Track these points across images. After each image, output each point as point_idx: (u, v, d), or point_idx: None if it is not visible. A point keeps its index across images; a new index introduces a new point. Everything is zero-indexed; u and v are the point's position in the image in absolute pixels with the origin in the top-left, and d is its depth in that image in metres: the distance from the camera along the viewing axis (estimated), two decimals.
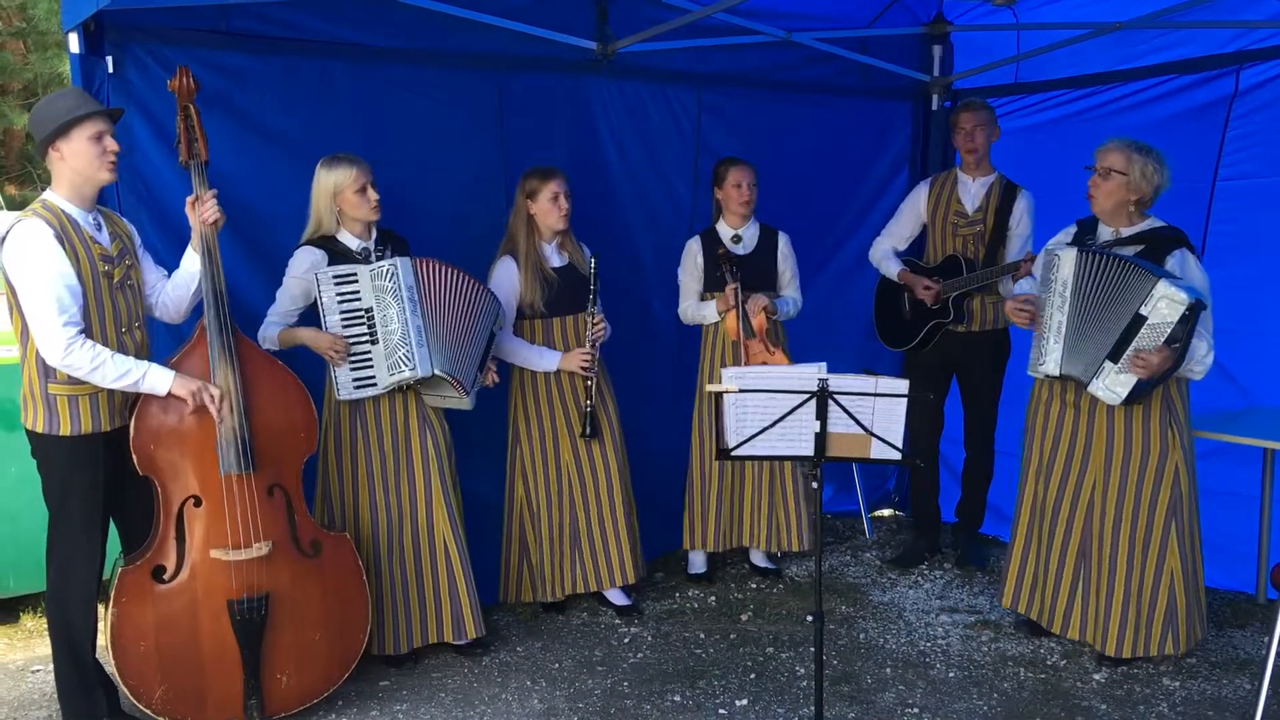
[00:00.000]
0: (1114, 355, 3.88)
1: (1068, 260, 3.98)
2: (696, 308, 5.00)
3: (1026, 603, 4.30)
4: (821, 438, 3.11)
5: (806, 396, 3.07)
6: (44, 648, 4.54)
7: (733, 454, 3.16)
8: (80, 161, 3.45)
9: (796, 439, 3.13)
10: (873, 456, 3.15)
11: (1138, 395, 3.89)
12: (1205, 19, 4.92)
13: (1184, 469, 4.05)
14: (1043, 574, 4.23)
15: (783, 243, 5.10)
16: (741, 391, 3.04)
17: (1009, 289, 4.85)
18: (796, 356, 5.00)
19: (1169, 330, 3.79)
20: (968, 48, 6.03)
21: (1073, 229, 4.29)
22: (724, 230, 5.00)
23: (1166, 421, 4.04)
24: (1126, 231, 4.13)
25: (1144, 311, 3.81)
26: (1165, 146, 5.04)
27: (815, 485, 3.20)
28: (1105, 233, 4.16)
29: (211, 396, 3.59)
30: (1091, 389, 3.92)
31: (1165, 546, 4.03)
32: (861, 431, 3.10)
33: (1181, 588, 4.03)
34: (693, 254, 5.00)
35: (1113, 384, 3.89)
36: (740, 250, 4.96)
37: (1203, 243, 4.93)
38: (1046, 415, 4.22)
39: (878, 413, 3.08)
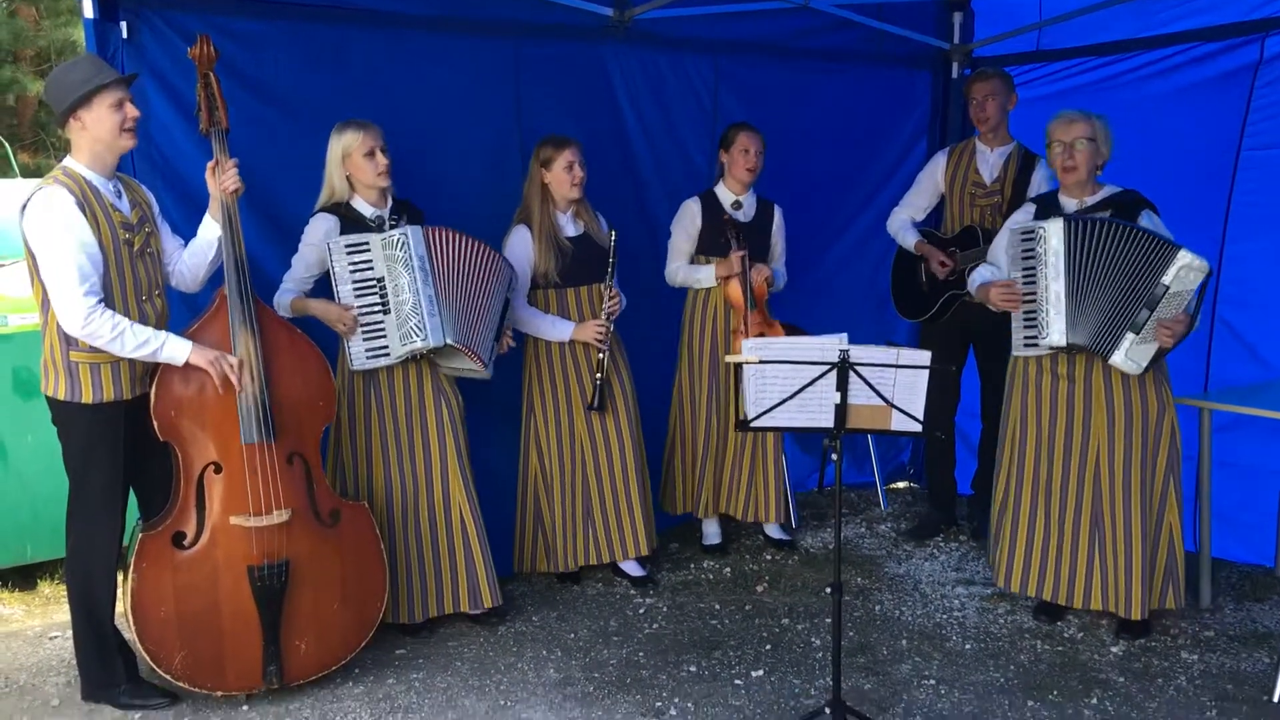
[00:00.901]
0: (1136, 327, 3.86)
1: (1055, 231, 3.95)
2: (689, 270, 4.93)
3: (1037, 584, 4.24)
4: (842, 409, 3.09)
5: (827, 367, 3.05)
6: (62, 614, 4.57)
7: (752, 425, 3.14)
8: (102, 129, 3.44)
9: (817, 410, 3.11)
10: (893, 428, 3.13)
11: (1153, 363, 3.91)
12: None
13: (1178, 427, 4.10)
14: (1055, 552, 4.19)
15: (778, 215, 5.07)
16: (762, 363, 3.02)
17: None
18: (809, 326, 4.96)
19: (1190, 298, 3.83)
20: (989, 14, 5.94)
21: (1032, 207, 4.25)
22: (724, 195, 4.95)
23: (1159, 380, 4.08)
24: (1090, 200, 4.14)
25: (1167, 280, 3.82)
26: (1189, 115, 5.06)
27: (835, 457, 3.19)
28: (1070, 205, 4.16)
29: (231, 365, 3.58)
30: (1113, 361, 3.90)
31: (1165, 502, 4.09)
32: (882, 403, 3.08)
33: (1180, 543, 4.10)
34: (691, 214, 4.92)
35: (1136, 355, 3.87)
36: (741, 217, 4.91)
37: (1226, 214, 4.90)
38: (1039, 392, 4.19)
39: (899, 384, 3.06)
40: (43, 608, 4.73)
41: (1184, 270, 3.79)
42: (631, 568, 4.81)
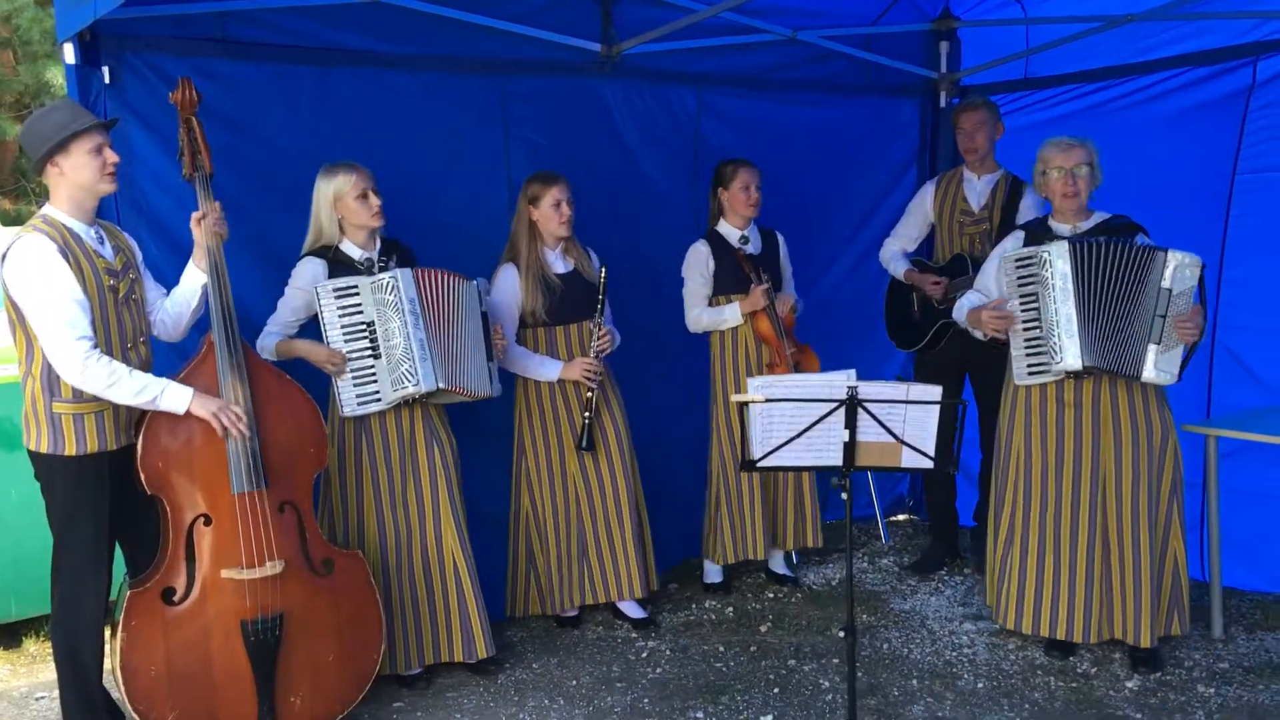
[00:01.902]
0: (1155, 337, 3.83)
1: (1060, 254, 3.91)
2: (712, 313, 4.86)
3: (1046, 622, 4.14)
4: (850, 447, 3.02)
5: (835, 405, 2.98)
6: (47, 673, 4.43)
7: (758, 465, 3.06)
8: (82, 175, 3.36)
9: (824, 448, 3.03)
10: (904, 465, 3.06)
11: (1183, 367, 3.89)
12: (1220, 9, 4.83)
13: (1180, 451, 4.06)
14: (1067, 588, 4.09)
15: (782, 243, 5.04)
16: (769, 401, 2.94)
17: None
18: None
19: (1193, 296, 3.84)
20: (976, 43, 5.93)
21: (1021, 235, 4.21)
22: (729, 232, 4.89)
23: (1161, 403, 4.04)
24: (1084, 225, 4.11)
25: (1165, 284, 3.82)
26: (1183, 140, 5.03)
27: (845, 496, 3.11)
28: (1063, 230, 4.11)
29: (236, 416, 3.49)
30: (1146, 377, 3.85)
31: (1170, 527, 4.03)
32: (892, 440, 3.01)
33: (1184, 569, 4.04)
34: (703, 257, 4.86)
35: (1165, 364, 3.84)
36: (751, 250, 4.87)
37: (1223, 237, 4.85)
38: (1044, 421, 4.11)
39: (909, 420, 2.99)
40: (28, 666, 4.59)
41: (1179, 269, 3.81)
42: (632, 609, 4.71)
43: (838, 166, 5.80)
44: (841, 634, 3.26)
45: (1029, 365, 4.08)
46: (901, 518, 6.17)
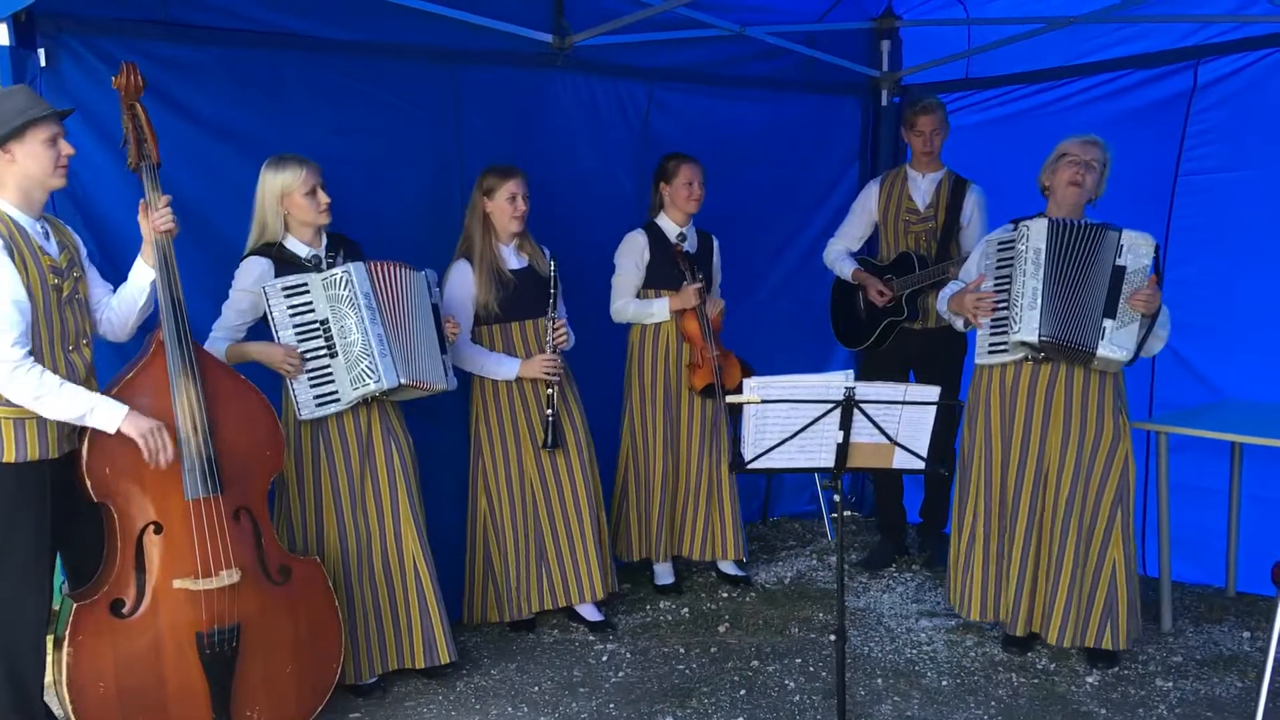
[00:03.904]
0: (1109, 311, 3.87)
1: (1038, 231, 3.95)
2: (640, 305, 4.79)
3: (988, 607, 4.22)
4: (844, 448, 2.98)
5: (832, 406, 2.93)
6: None
7: (749, 466, 3.01)
8: (34, 165, 3.16)
9: (816, 450, 2.99)
10: (895, 466, 3.04)
11: (1139, 350, 3.91)
12: (1161, 13, 4.92)
13: (1132, 459, 4.07)
14: (1004, 573, 4.17)
15: (717, 247, 5.02)
16: (764, 402, 2.89)
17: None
18: (746, 354, 4.89)
19: (1148, 272, 3.89)
20: (917, 43, 5.97)
21: (1010, 227, 4.24)
22: (668, 226, 4.83)
23: (1117, 409, 4.06)
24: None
25: (1120, 262, 3.88)
26: (1124, 142, 5.05)
27: (836, 498, 3.07)
28: None
29: (164, 443, 3.29)
30: (1101, 352, 3.88)
31: (1109, 535, 4.02)
32: (885, 441, 2.98)
33: (1124, 578, 4.01)
34: (639, 247, 4.79)
35: (1119, 340, 3.87)
36: (688, 248, 4.82)
37: (1165, 239, 4.94)
38: (1001, 405, 4.14)
39: (904, 421, 2.97)
40: None
41: (1133, 245, 3.89)
42: (588, 612, 4.62)
43: (781, 163, 5.80)
44: (832, 637, 3.22)
45: (990, 344, 4.11)
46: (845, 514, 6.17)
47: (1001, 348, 4.07)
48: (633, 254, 4.79)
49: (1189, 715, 3.77)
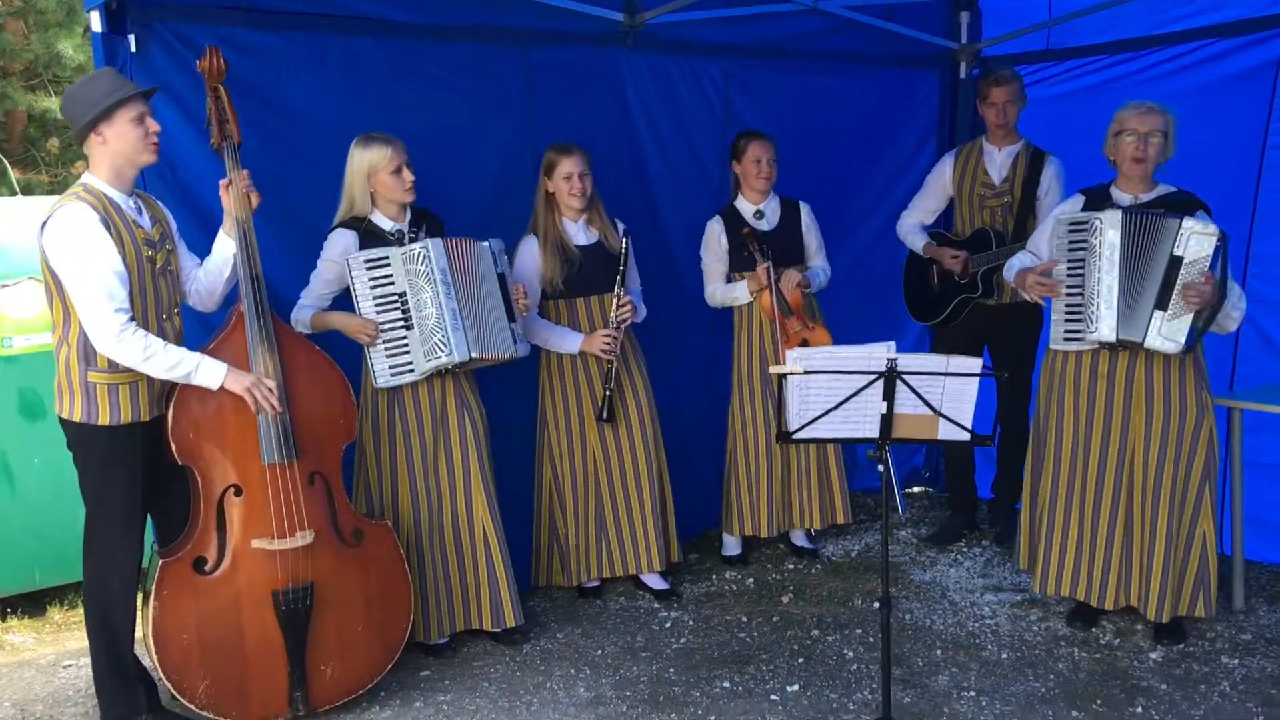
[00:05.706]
0: (1161, 304, 3.81)
1: (1112, 223, 3.90)
2: (725, 290, 4.89)
3: (1071, 584, 4.19)
4: (888, 419, 3.02)
5: (874, 377, 2.98)
6: (73, 642, 4.47)
7: (794, 437, 3.07)
8: (124, 144, 3.37)
9: (861, 420, 3.04)
10: (940, 438, 3.07)
11: (1192, 341, 3.84)
12: None
13: (1215, 435, 4.03)
14: (1090, 553, 4.14)
15: (805, 213, 5.01)
16: (807, 373, 2.94)
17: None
18: None
19: (1206, 264, 3.77)
20: (997, 13, 5.88)
21: (1080, 198, 4.18)
22: (744, 207, 4.89)
23: (1200, 385, 4.02)
24: (1145, 197, 4.07)
25: (1178, 252, 3.79)
26: (1210, 113, 4.97)
27: (881, 468, 3.12)
28: (1124, 199, 4.08)
29: (269, 390, 3.49)
30: (1149, 343, 3.83)
31: (1199, 509, 4.01)
32: (929, 412, 3.01)
33: (1213, 551, 4.02)
34: (715, 235, 4.88)
35: (1168, 332, 3.81)
36: (764, 226, 4.86)
37: (1252, 213, 4.83)
38: (1076, 391, 4.12)
39: (947, 393, 2.99)
40: (54, 635, 4.62)
41: (1193, 237, 3.76)
42: (654, 580, 4.73)
43: (859, 138, 5.78)
44: (876, 605, 3.26)
45: (1066, 330, 4.08)
46: (917, 490, 6.18)
47: (1076, 336, 4.04)
48: (711, 242, 4.91)
49: (1253, 692, 3.73)
